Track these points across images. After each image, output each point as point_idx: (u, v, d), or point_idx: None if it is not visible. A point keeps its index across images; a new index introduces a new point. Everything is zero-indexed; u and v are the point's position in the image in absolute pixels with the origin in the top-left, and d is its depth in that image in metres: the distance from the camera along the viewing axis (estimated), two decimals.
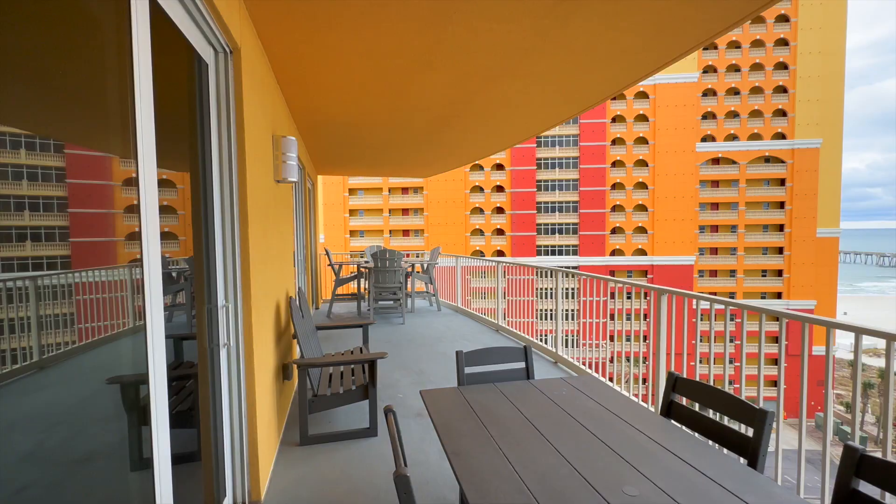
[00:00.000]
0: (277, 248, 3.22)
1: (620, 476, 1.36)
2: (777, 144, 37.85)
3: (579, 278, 5.11)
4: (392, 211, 42.79)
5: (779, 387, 2.31)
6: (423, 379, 4.42)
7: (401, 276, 6.78)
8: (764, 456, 1.59)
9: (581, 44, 2.66)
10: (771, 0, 2.08)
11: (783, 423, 21.04)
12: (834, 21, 36.66)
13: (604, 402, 1.96)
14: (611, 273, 39.46)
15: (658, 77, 38.52)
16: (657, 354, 3.35)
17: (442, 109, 4.19)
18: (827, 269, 37.42)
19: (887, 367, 1.80)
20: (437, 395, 2.05)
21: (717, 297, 2.79)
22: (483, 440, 1.59)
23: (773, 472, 2.41)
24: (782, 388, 2.32)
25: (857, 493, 1.32)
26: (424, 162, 7.84)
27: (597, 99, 3.74)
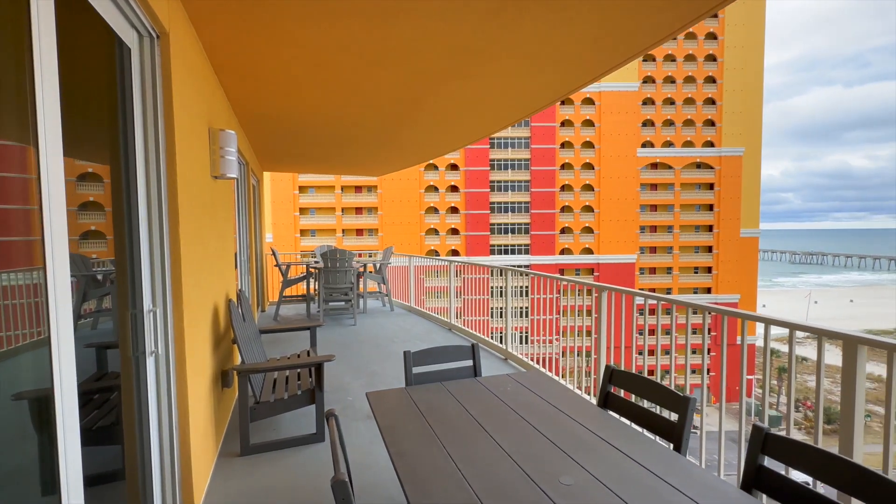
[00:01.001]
0: (216, 247, 3.03)
1: (558, 467, 1.41)
2: (706, 152, 41.18)
3: (530, 277, 5.26)
4: (345, 210, 41.82)
5: (702, 374, 2.51)
6: (374, 380, 4.35)
7: (352, 277, 6.64)
8: (687, 439, 1.72)
9: (527, 48, 2.74)
10: (692, 20, 2.25)
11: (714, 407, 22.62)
12: (754, 41, 40.46)
13: (546, 397, 2.03)
14: (560, 271, 41.06)
15: (603, 84, 40.56)
16: (599, 349, 3.53)
17: (393, 107, 4.15)
18: (749, 266, 41.29)
19: (791, 353, 2.01)
20: (384, 396, 2.03)
21: (651, 293, 2.99)
22: (428, 440, 1.59)
23: (700, 453, 2.62)
24: (705, 375, 2.52)
25: (763, 468, 1.46)
26: (377, 160, 7.73)
27: (544, 102, 3.87)
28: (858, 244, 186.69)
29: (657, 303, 2.95)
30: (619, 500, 1.24)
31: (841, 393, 1.80)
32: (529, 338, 6.23)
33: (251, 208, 6.12)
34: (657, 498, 1.26)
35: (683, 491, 1.28)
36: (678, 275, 41.67)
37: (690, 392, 1.92)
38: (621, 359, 3.43)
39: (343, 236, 41.53)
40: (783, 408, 33.82)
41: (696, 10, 2.29)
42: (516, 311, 5.50)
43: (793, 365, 2.02)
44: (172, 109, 2.02)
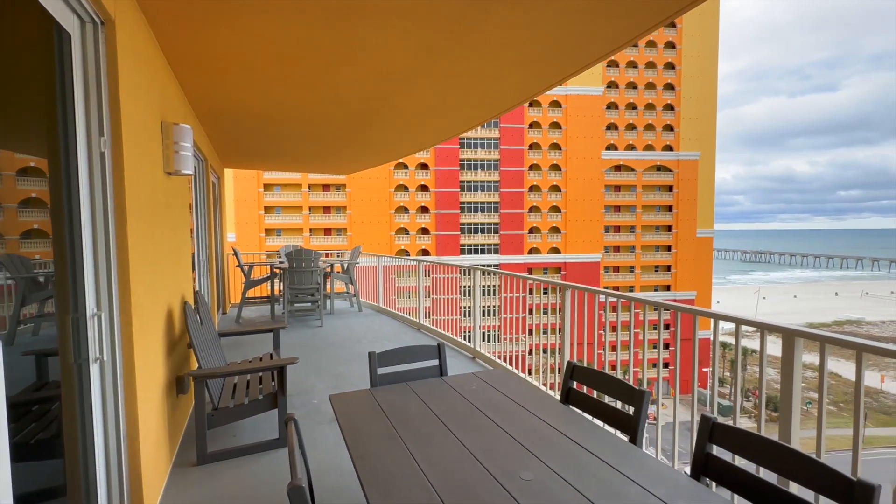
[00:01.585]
0: (170, 247, 2.89)
1: (519, 463, 1.44)
2: (666, 155, 43.08)
3: (498, 276, 5.32)
4: (312, 208, 40.87)
5: (658, 368, 2.62)
6: (340, 382, 4.28)
7: (318, 277, 6.50)
8: (643, 431, 1.80)
9: (492, 50, 2.77)
10: (648, 29, 2.35)
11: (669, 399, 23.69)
12: (708, 51, 42.66)
13: (510, 394, 2.06)
14: (528, 270, 41.82)
15: (569, 88, 41.60)
16: (563, 346, 3.61)
17: (359, 105, 4.09)
18: (704, 265, 43.54)
19: (737, 345, 2.14)
20: (348, 398, 1.99)
21: (611, 292, 3.09)
22: (391, 441, 1.58)
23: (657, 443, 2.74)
24: (661, 369, 2.63)
25: (710, 455, 1.55)
26: (344, 159, 7.60)
27: (510, 104, 3.93)
28: (801, 244, 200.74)
29: (617, 300, 3.05)
30: (575, 492, 1.28)
31: (781, 382, 1.93)
32: (500, 336, 6.30)
33: (210, 206, 5.87)
34: (611, 488, 1.31)
35: (636, 480, 1.34)
36: (640, 273, 43.38)
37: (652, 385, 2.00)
38: (584, 355, 3.53)
39: (310, 236, 40.59)
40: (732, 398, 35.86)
41: (651, 20, 2.38)
42: (487, 309, 5.56)
43: (738, 357, 2.14)
44: (119, 101, 1.90)
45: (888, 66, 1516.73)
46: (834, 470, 1.21)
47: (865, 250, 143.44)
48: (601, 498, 1.25)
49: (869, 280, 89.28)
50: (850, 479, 1.16)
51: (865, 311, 60.11)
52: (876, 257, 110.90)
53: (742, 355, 2.32)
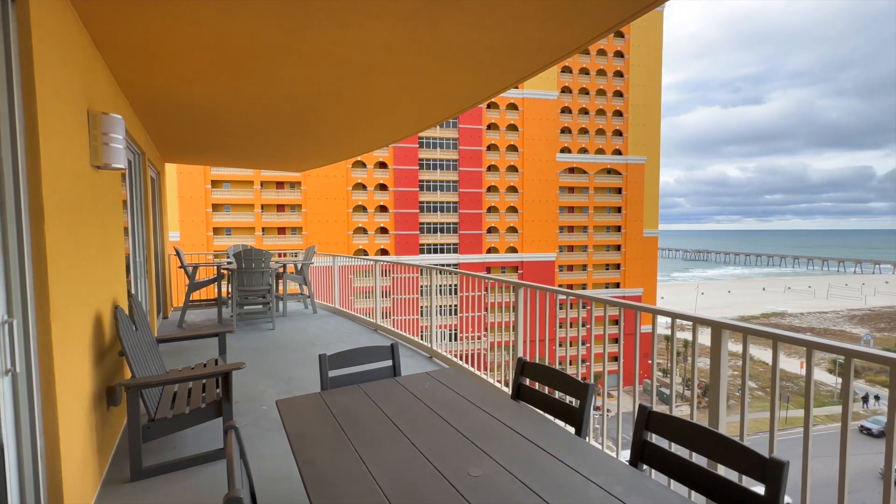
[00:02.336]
0: (99, 247, 2.67)
1: (468, 459, 1.45)
2: (615, 159, 45.31)
3: (456, 275, 5.36)
4: (265, 207, 39.21)
5: (604, 361, 2.75)
6: (293, 387, 4.14)
7: (269, 278, 6.25)
8: (588, 422, 1.88)
9: (447, 50, 2.78)
10: (595, 37, 2.45)
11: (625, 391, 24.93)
12: (653, 62, 45.32)
13: (462, 392, 2.08)
14: (487, 269, 42.48)
15: (526, 91, 42.69)
16: (517, 343, 3.70)
17: (312, 101, 3.97)
18: (650, 263, 46.25)
19: (672, 337, 2.29)
20: (295, 402, 1.93)
21: (561, 289, 3.21)
22: (339, 444, 1.55)
23: (603, 433, 2.87)
24: (606, 363, 2.76)
25: (647, 443, 1.64)
26: (298, 155, 7.35)
27: (466, 104, 3.96)
28: (734, 243, 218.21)
29: (567, 298, 3.17)
30: (521, 485, 1.31)
31: (710, 371, 2.08)
32: (458, 335, 6.34)
33: (149, 203, 5.47)
34: (555, 479, 1.35)
35: (578, 470, 1.39)
36: (592, 271, 45.34)
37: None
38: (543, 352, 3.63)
39: (263, 235, 38.93)
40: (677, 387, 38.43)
41: (597, 29, 2.49)
42: (446, 309, 5.58)
43: (674, 348, 2.29)
44: (34, 86, 1.73)
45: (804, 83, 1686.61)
46: (751, 450, 1.33)
47: (788, 249, 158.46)
48: (545, 489, 1.29)
49: (791, 276, 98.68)
50: (764, 458, 1.27)
51: (788, 304, 66.43)
52: (796, 255, 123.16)
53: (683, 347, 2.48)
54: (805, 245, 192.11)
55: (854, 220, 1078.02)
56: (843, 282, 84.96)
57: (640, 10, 2.27)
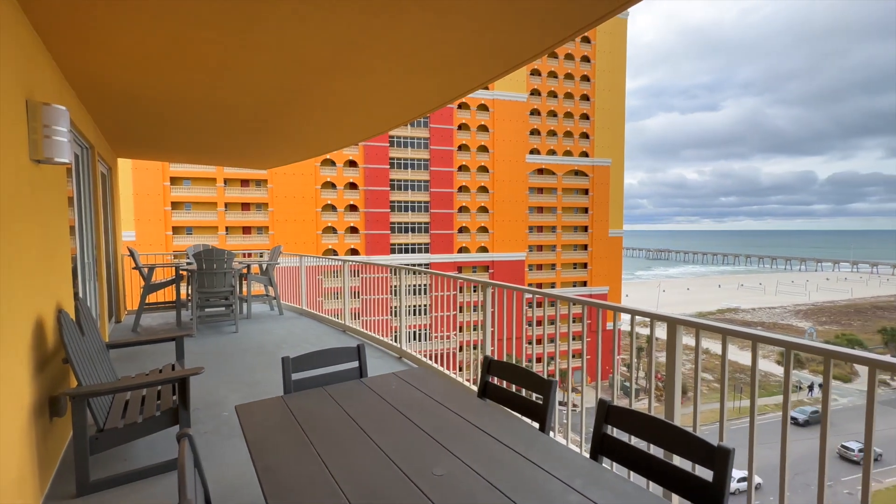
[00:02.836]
0: (39, 248, 2.49)
1: (432, 459, 1.45)
2: (582, 161, 46.58)
3: (427, 275, 5.34)
4: (229, 205, 37.79)
5: (568, 358, 2.82)
6: (256, 392, 4.01)
7: (232, 279, 6.03)
8: (551, 418, 1.91)
9: (412, 49, 2.76)
10: (560, 41, 2.51)
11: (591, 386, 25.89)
12: (617, 67, 46.89)
13: (429, 392, 2.08)
14: (458, 269, 42.67)
15: (496, 93, 43.17)
16: (484, 342, 3.73)
17: (274, 96, 3.86)
18: (615, 262, 47.86)
19: (632, 332, 2.38)
20: (256, 407, 1.87)
21: (527, 288, 3.26)
22: (300, 449, 1.51)
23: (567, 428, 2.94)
24: (571, 359, 2.83)
25: (607, 436, 1.69)
26: (261, 153, 7.12)
27: (434, 104, 3.96)
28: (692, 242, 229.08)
29: (533, 296, 3.23)
30: (484, 482, 1.32)
31: (666, 365, 2.17)
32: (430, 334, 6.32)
33: (99, 200, 5.16)
34: (518, 474, 1.37)
35: (541, 465, 1.42)
36: (560, 270, 46.42)
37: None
38: (505, 350, 3.68)
39: (227, 234, 37.51)
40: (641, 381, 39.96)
41: (562, 32, 2.54)
42: (417, 308, 5.56)
43: (633, 343, 2.37)
44: None
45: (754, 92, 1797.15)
46: (701, 439, 1.39)
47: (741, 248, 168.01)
48: (507, 485, 1.31)
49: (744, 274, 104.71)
50: (712, 446, 1.34)
51: (741, 300, 70.45)
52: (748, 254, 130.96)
53: (647, 342, 2.58)
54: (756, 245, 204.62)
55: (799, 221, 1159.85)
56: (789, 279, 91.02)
57: (603, 16, 2.34)
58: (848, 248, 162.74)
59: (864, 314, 60.16)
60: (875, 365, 1.51)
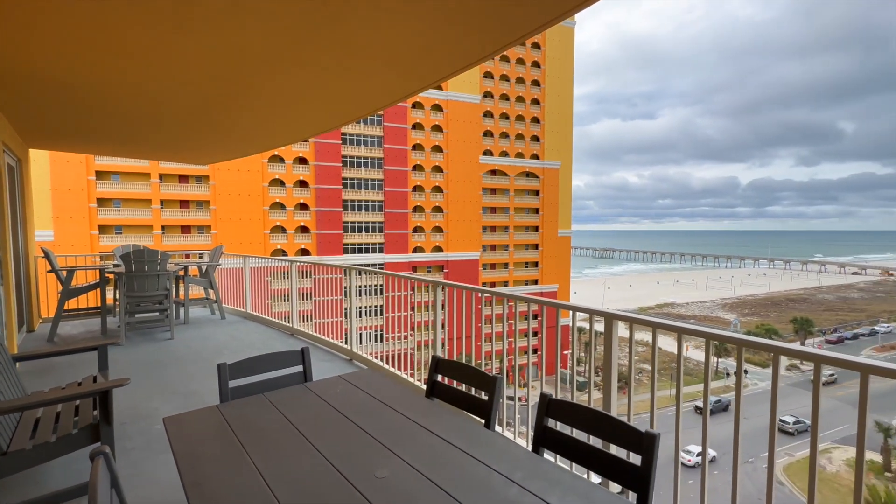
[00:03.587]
0: None
1: (375, 461, 1.43)
2: (533, 163, 48.10)
3: (380, 275, 5.26)
4: (166, 202, 35.18)
5: (514, 356, 2.90)
6: (193, 402, 3.76)
7: (166, 282, 5.61)
8: (496, 414, 1.96)
9: (359, 46, 2.71)
10: (501, 47, 2.57)
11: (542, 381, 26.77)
12: (566, 74, 48.89)
13: (376, 394, 2.05)
14: (413, 269, 42.53)
15: (450, 94, 43.49)
16: (435, 341, 3.74)
17: (214, 88, 3.63)
18: (564, 261, 49.89)
19: (572, 328, 2.49)
20: (187, 419, 1.75)
21: (477, 287, 3.31)
22: (235, 460, 1.44)
23: (515, 423, 3.02)
24: (510, 356, 2.91)
25: (548, 428, 1.75)
26: (200, 147, 6.69)
27: (382, 103, 3.91)
28: (634, 242, 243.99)
29: (481, 295, 3.28)
30: (427, 481, 1.32)
31: (603, 357, 2.29)
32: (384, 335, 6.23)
33: (4, 196, 4.61)
34: (461, 472, 1.39)
35: (483, 460, 1.44)
36: (513, 269, 47.65)
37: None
38: (458, 349, 3.71)
39: (163, 234, 34.89)
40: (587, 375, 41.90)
41: (508, 37, 2.60)
42: (372, 309, 5.46)
43: (573, 338, 2.48)
44: None
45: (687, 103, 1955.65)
46: (630, 426, 1.48)
47: (676, 247, 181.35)
48: (450, 483, 1.32)
49: (679, 271, 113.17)
50: (640, 432, 1.43)
51: (676, 295, 76.05)
52: (683, 253, 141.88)
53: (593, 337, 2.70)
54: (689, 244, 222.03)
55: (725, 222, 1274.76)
56: (718, 275, 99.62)
57: (546, 24, 2.41)
58: (766, 247, 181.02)
59: (779, 306, 67.09)
60: (779, 352, 1.69)
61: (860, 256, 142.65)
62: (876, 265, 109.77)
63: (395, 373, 4.50)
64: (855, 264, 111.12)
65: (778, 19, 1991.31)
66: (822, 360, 1.60)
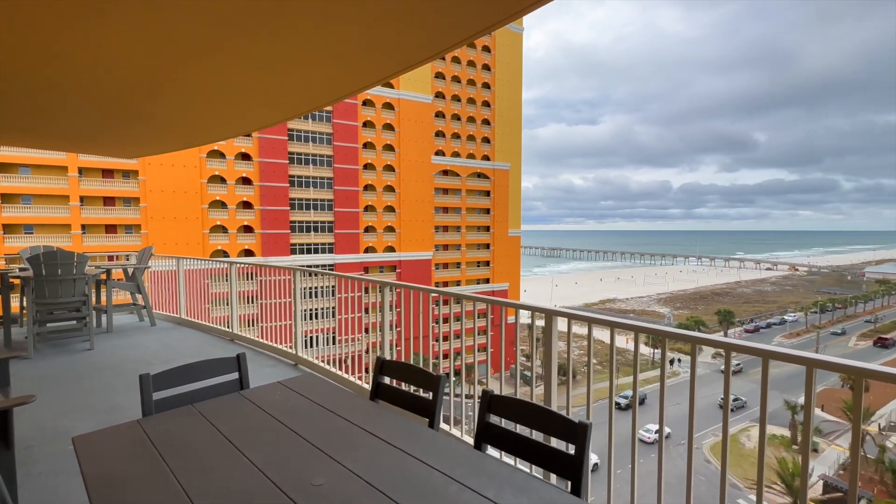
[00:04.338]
0: None
1: (313, 469, 1.39)
2: (484, 164, 49.00)
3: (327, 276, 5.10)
4: (87, 199, 31.93)
5: (461, 353, 2.93)
6: (114, 418, 3.44)
7: (84, 287, 5.09)
8: (439, 413, 1.96)
9: (299, 38, 2.61)
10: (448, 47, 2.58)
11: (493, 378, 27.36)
12: (515, 78, 50.28)
13: (317, 399, 1.99)
14: (364, 270, 41.78)
15: (402, 93, 43.19)
16: (383, 342, 3.70)
17: (140, 76, 3.33)
18: (514, 260, 51.32)
19: (515, 324, 2.56)
20: (101, 437, 1.60)
21: (424, 287, 3.31)
22: (156, 479, 1.33)
23: (462, 421, 3.05)
24: (462, 354, 2.94)
25: (490, 424, 1.79)
26: (125, 139, 6.12)
27: (327, 99, 3.78)
28: (579, 242, 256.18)
29: (428, 294, 3.28)
30: (366, 485, 1.30)
31: (543, 352, 2.38)
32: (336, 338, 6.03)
33: None
34: (402, 473, 1.38)
35: (424, 460, 1.44)
36: (465, 269, 48.24)
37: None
38: (409, 349, 3.69)
39: (84, 234, 31.65)
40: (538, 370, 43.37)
41: (453, 38, 2.62)
42: (323, 311, 5.28)
43: (517, 334, 2.56)
44: None
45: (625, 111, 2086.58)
46: (565, 417, 1.55)
47: (617, 246, 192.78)
48: (390, 485, 1.30)
49: (620, 269, 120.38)
50: (573, 422, 1.50)
51: (618, 291, 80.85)
52: (623, 251, 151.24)
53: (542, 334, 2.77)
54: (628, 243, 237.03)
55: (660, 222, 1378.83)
56: (654, 272, 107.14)
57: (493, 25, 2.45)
58: (695, 246, 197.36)
59: (706, 299, 73.38)
60: (695, 341, 1.84)
61: (773, 254, 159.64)
62: (785, 261, 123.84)
63: (342, 376, 4.39)
64: (768, 261, 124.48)
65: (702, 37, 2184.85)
66: (732, 348, 1.77)
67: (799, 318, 58.66)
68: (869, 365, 1.52)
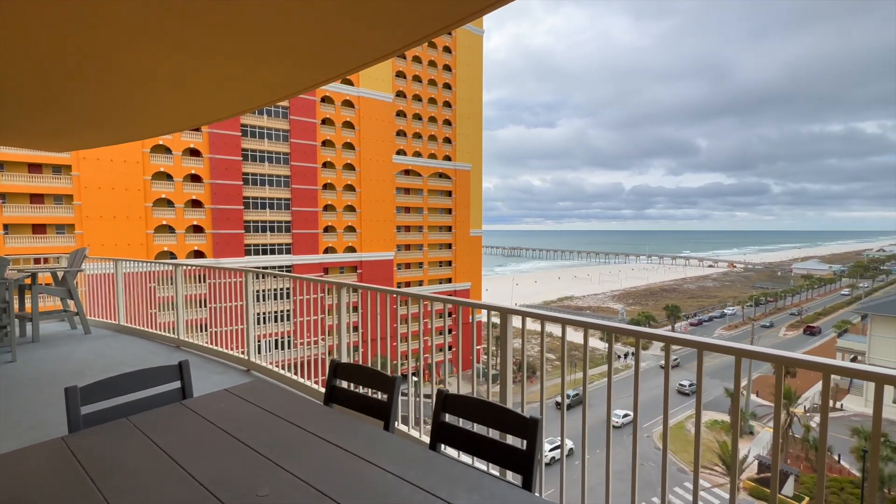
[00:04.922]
0: None
1: (258, 479, 1.33)
2: (446, 164, 49.19)
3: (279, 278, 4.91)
4: (10, 196, 29.00)
5: (432, 353, 2.92)
6: (40, 436, 3.13)
7: (4, 292, 4.62)
8: (395, 416, 1.95)
9: (250, 30, 2.50)
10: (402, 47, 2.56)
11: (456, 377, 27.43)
12: (475, 79, 50.85)
13: (267, 406, 1.91)
14: (324, 271, 40.74)
15: (361, 90, 42.48)
16: (341, 345, 3.62)
17: (69, 62, 3.06)
18: (476, 260, 51.90)
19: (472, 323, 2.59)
20: (20, 457, 1.45)
21: (382, 287, 3.27)
22: (81, 501, 1.22)
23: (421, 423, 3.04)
24: (421, 354, 2.93)
25: (444, 423, 1.79)
26: (53, 131, 5.61)
27: (279, 95, 3.66)
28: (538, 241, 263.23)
29: (385, 294, 3.25)
30: (315, 492, 1.26)
31: (499, 351, 2.41)
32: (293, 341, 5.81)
33: None
34: (353, 476, 1.35)
35: (377, 463, 1.42)
36: (428, 269, 48.21)
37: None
38: (369, 350, 3.62)
39: (6, 234, 28.71)
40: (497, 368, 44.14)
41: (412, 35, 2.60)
42: (281, 314, 5.08)
43: (474, 332, 2.58)
44: None
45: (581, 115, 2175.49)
46: (517, 414, 1.58)
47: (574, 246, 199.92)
48: (341, 491, 1.27)
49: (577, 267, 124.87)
50: (524, 418, 1.53)
51: (575, 289, 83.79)
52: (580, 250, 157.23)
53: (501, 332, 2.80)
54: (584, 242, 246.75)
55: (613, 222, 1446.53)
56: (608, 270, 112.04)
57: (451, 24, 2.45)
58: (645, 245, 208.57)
59: (655, 295, 77.60)
60: (639, 336, 1.94)
61: (714, 252, 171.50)
62: (724, 259, 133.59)
63: (299, 381, 4.25)
64: (710, 258, 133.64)
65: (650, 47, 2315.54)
66: (671, 341, 1.88)
67: (737, 311, 63.41)
68: (789, 353, 1.67)
